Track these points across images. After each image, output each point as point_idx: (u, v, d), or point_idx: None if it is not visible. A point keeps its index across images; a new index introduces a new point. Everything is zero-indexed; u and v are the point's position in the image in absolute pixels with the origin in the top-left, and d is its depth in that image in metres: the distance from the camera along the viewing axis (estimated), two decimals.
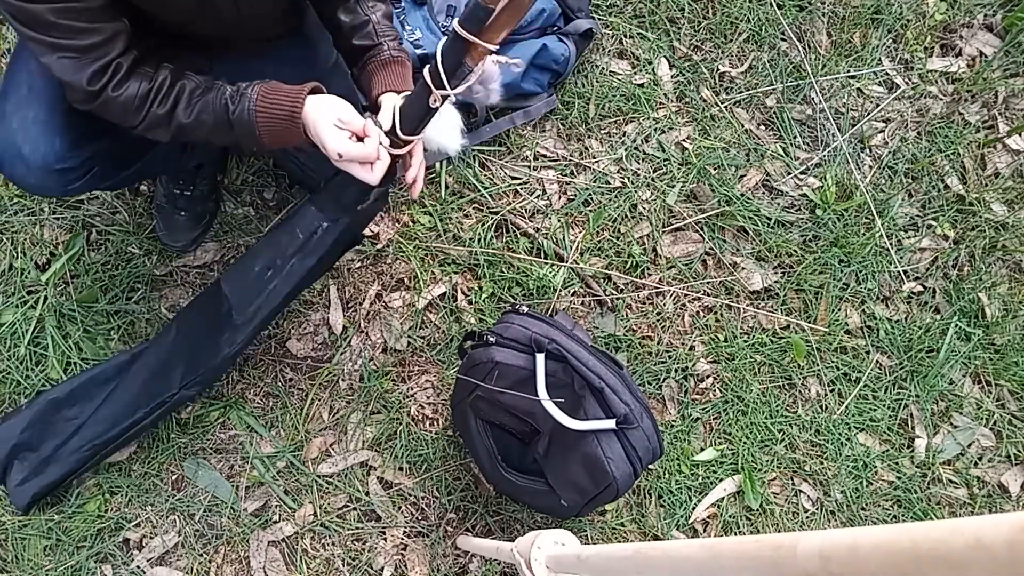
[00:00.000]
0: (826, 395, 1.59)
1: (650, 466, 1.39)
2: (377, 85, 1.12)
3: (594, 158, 1.63)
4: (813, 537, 0.41)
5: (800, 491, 1.54)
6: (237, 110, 1.00)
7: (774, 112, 1.71)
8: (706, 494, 1.50)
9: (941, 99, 1.78)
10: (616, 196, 1.61)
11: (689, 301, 1.58)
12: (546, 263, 1.55)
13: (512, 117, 1.59)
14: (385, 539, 1.40)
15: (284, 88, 1.01)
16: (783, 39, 1.74)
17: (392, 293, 1.51)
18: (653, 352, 1.54)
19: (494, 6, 0.87)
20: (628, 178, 1.62)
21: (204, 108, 1.00)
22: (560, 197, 1.60)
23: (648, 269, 1.59)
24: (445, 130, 1.07)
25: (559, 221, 1.57)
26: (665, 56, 1.70)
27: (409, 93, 1.02)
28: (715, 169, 1.65)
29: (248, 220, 1.49)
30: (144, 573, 1.35)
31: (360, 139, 1.02)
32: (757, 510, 1.51)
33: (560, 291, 1.53)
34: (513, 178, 1.59)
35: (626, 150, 1.63)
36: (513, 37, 1.54)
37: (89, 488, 1.36)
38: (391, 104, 1.05)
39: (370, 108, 1.13)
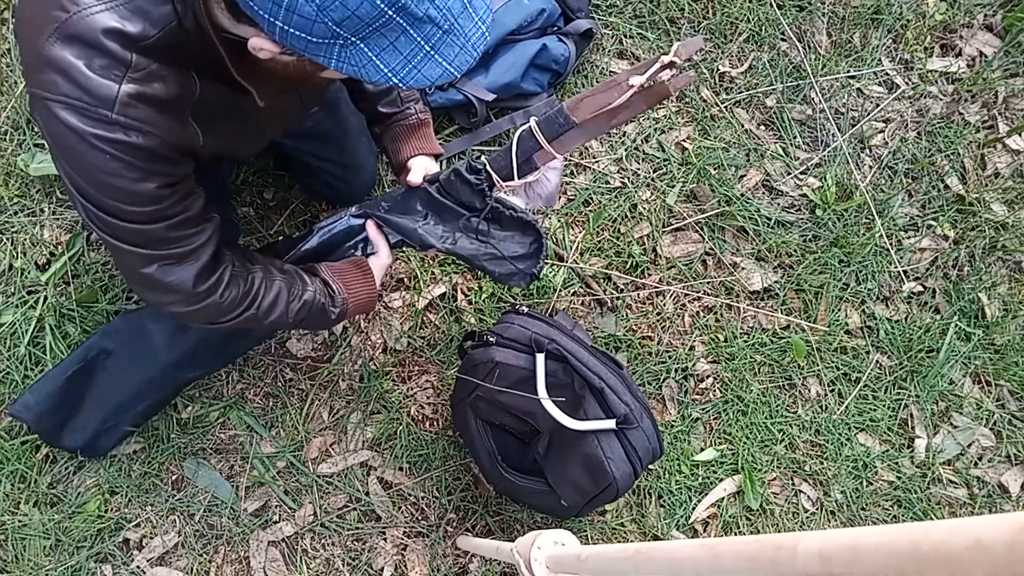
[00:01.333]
0: (826, 395, 1.59)
1: (650, 466, 1.39)
2: (407, 149, 1.20)
3: (594, 158, 1.63)
4: (813, 537, 0.41)
5: (800, 491, 1.54)
6: (336, 309, 1.11)
7: (774, 112, 1.71)
8: (706, 494, 1.50)
9: (941, 99, 1.78)
10: (616, 196, 1.61)
11: (689, 301, 1.58)
12: (546, 263, 1.54)
13: (512, 117, 1.59)
14: (385, 539, 1.40)
15: (358, 276, 1.14)
16: (783, 39, 1.74)
17: (392, 293, 1.51)
18: (653, 352, 1.54)
19: (576, 118, 0.99)
20: (628, 178, 1.62)
21: (303, 308, 1.07)
22: (560, 197, 1.60)
23: (648, 269, 1.59)
24: (545, 194, 1.12)
25: (559, 221, 1.57)
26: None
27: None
28: (715, 169, 1.65)
29: (248, 220, 1.49)
30: (144, 573, 1.35)
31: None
32: (757, 510, 1.51)
33: (560, 291, 1.53)
34: None
35: (626, 150, 1.63)
36: (513, 37, 1.55)
37: (89, 488, 1.36)
38: (422, 165, 1.17)
39: (395, 168, 1.23)
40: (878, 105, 1.75)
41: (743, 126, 1.69)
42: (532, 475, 1.25)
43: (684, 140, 1.66)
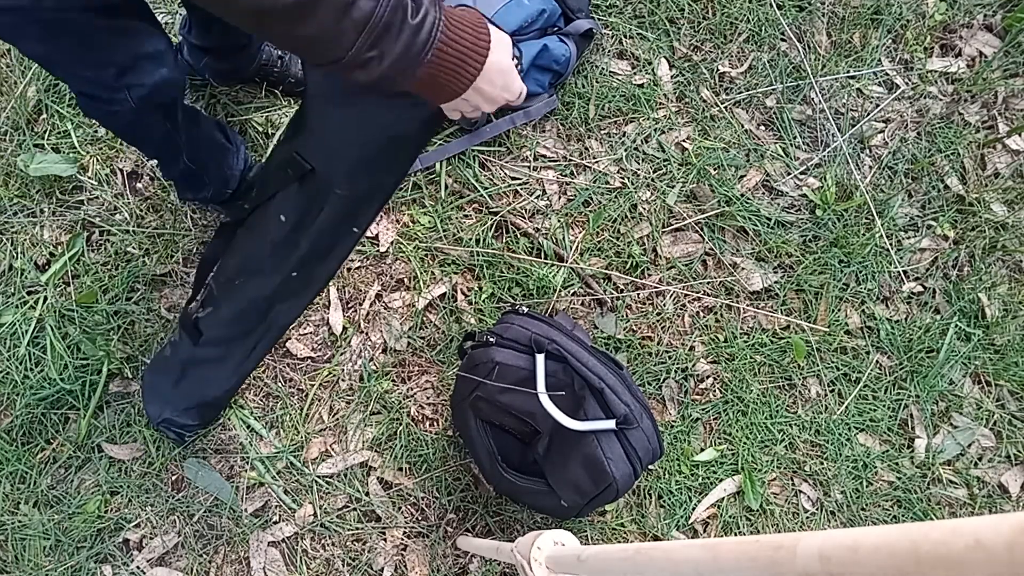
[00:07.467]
0: (826, 395, 1.59)
1: (650, 466, 1.39)
2: None
3: (594, 158, 1.63)
4: (813, 537, 0.41)
5: (800, 491, 1.54)
6: (421, 15, 0.71)
7: (774, 112, 1.71)
8: (706, 494, 1.50)
9: (941, 99, 1.78)
10: (616, 196, 1.61)
11: (689, 301, 1.58)
12: (546, 263, 1.54)
13: (512, 117, 1.59)
14: (385, 539, 1.40)
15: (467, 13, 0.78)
16: (783, 39, 1.74)
17: (392, 293, 1.51)
18: (653, 352, 1.54)
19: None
20: (628, 178, 1.62)
21: None
22: (560, 197, 1.60)
23: (648, 269, 1.59)
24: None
25: (559, 221, 1.57)
26: (665, 56, 1.70)
27: None
28: (715, 169, 1.65)
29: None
30: (144, 573, 1.35)
31: None
32: (757, 510, 1.51)
33: (560, 291, 1.53)
34: (513, 178, 1.59)
35: (626, 150, 1.63)
36: (514, 38, 1.54)
37: (89, 488, 1.36)
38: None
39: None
40: (878, 105, 1.75)
41: (743, 126, 1.69)
42: (532, 475, 1.25)
43: (684, 140, 1.66)
